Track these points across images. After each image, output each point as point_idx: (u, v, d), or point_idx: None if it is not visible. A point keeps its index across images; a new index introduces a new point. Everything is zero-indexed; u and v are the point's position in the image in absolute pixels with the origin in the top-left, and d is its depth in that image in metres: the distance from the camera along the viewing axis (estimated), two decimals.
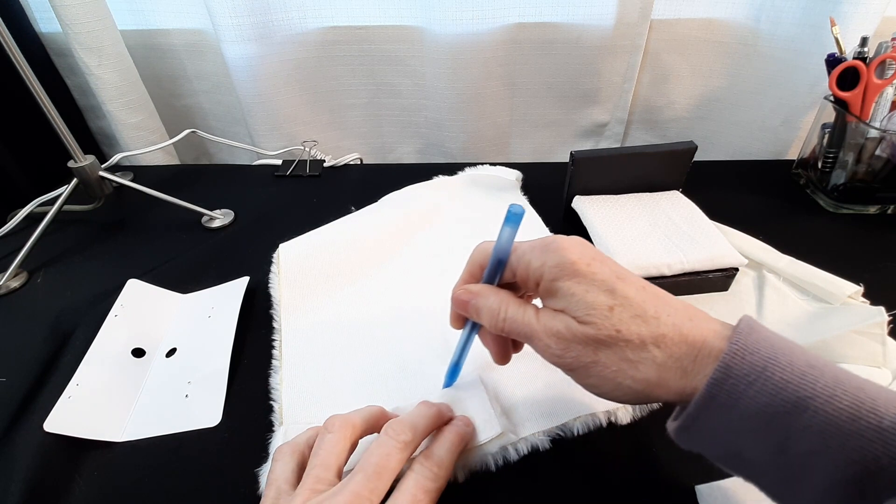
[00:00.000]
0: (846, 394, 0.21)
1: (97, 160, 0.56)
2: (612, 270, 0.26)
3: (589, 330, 0.25)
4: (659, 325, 0.25)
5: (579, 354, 0.26)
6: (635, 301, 0.25)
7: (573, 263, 0.26)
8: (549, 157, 0.79)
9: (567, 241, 0.27)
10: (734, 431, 0.23)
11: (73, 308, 0.47)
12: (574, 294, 0.26)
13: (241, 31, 0.62)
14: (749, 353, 0.23)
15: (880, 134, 0.50)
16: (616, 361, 0.25)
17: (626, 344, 0.25)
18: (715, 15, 0.65)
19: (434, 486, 0.29)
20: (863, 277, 0.42)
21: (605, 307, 0.25)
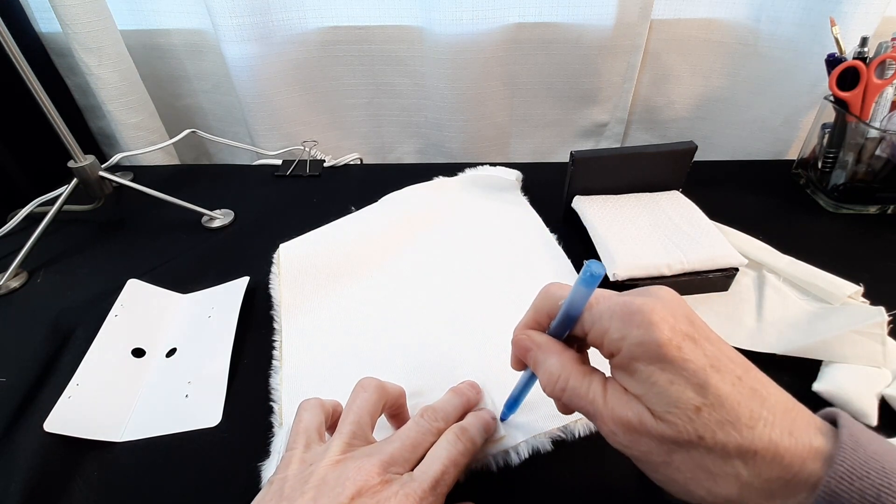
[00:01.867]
0: None
1: (97, 160, 0.56)
2: (706, 356, 0.22)
3: (666, 430, 0.21)
4: (752, 438, 0.20)
5: (650, 451, 0.22)
6: (729, 402, 0.21)
7: (660, 346, 0.21)
8: (549, 157, 0.79)
9: (657, 313, 0.22)
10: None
11: (73, 308, 0.47)
12: (656, 384, 0.21)
13: (241, 31, 0.62)
14: (857, 478, 0.19)
15: (880, 134, 0.50)
16: (692, 468, 0.21)
17: (707, 453, 0.21)
18: (715, 15, 0.65)
19: (463, 461, 0.28)
20: (863, 277, 0.42)
21: (691, 407, 0.21)
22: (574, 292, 0.24)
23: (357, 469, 0.25)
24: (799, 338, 0.39)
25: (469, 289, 0.47)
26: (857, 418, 0.34)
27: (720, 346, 0.23)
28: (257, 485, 0.32)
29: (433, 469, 0.26)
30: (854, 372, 0.36)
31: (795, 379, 0.37)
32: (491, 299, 0.45)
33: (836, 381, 0.36)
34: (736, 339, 0.41)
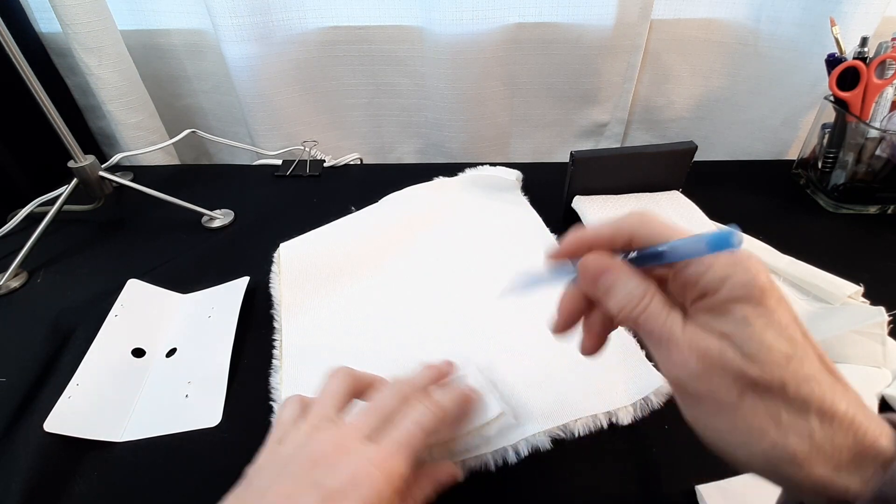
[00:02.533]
0: None
1: (97, 160, 0.56)
2: (797, 321, 0.21)
3: (751, 368, 0.20)
4: (834, 401, 0.20)
5: (721, 387, 0.21)
6: (815, 364, 0.21)
7: (764, 291, 0.21)
8: (549, 157, 0.79)
9: (761, 266, 0.22)
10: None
11: (73, 308, 0.47)
12: (752, 325, 0.20)
13: (241, 31, 0.62)
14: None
15: (880, 134, 0.50)
16: (763, 416, 0.20)
17: (785, 402, 0.20)
18: (715, 15, 0.65)
19: (430, 425, 0.28)
20: (863, 277, 0.42)
21: (783, 354, 0.20)
22: (692, 243, 0.23)
23: (325, 439, 0.26)
24: None
25: (469, 288, 0.47)
26: None
27: (807, 330, 0.22)
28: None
29: (397, 433, 0.27)
30: (854, 372, 0.36)
31: None
32: (491, 299, 0.45)
33: None
34: None
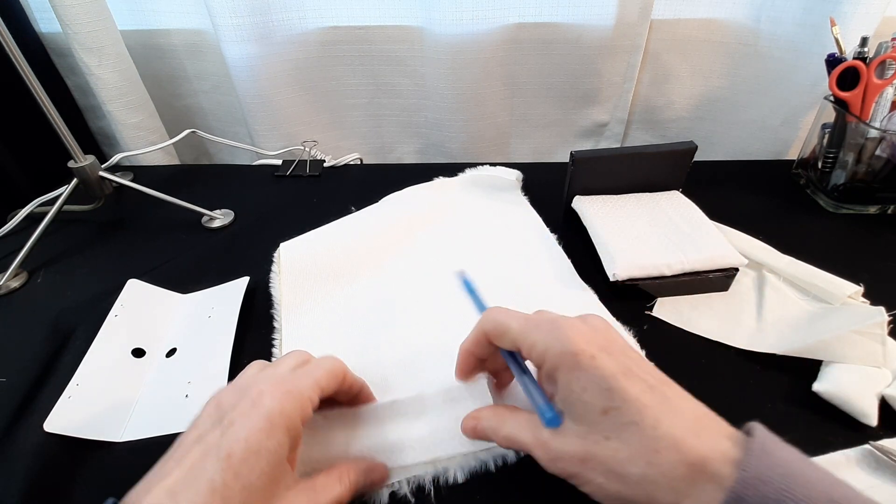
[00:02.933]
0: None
1: (97, 160, 0.56)
2: (619, 365, 0.24)
3: (578, 436, 0.24)
4: (655, 438, 0.22)
5: (567, 465, 0.24)
6: (635, 405, 0.23)
7: (575, 355, 0.24)
8: (549, 157, 0.79)
9: (576, 329, 0.25)
10: None
11: (73, 308, 0.47)
12: (571, 390, 0.24)
13: (241, 31, 0.62)
14: (762, 483, 0.20)
15: (880, 134, 0.50)
16: (602, 474, 0.23)
17: (614, 454, 0.23)
18: (715, 15, 0.65)
19: (323, 378, 0.29)
20: (863, 277, 0.42)
21: (599, 410, 0.23)
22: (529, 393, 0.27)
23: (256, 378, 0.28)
24: (799, 338, 0.39)
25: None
26: (857, 418, 0.34)
27: (640, 361, 0.25)
28: None
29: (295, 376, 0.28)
30: (854, 372, 0.36)
31: (795, 379, 0.37)
32: (490, 299, 0.45)
33: (836, 381, 0.36)
34: (736, 339, 0.41)
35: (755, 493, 0.20)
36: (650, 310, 0.44)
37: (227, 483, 0.22)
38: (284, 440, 0.24)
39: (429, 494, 0.32)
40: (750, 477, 0.20)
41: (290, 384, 0.26)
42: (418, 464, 0.32)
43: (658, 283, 0.44)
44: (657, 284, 0.44)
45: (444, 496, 0.32)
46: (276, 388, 0.26)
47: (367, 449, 0.33)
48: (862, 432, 0.34)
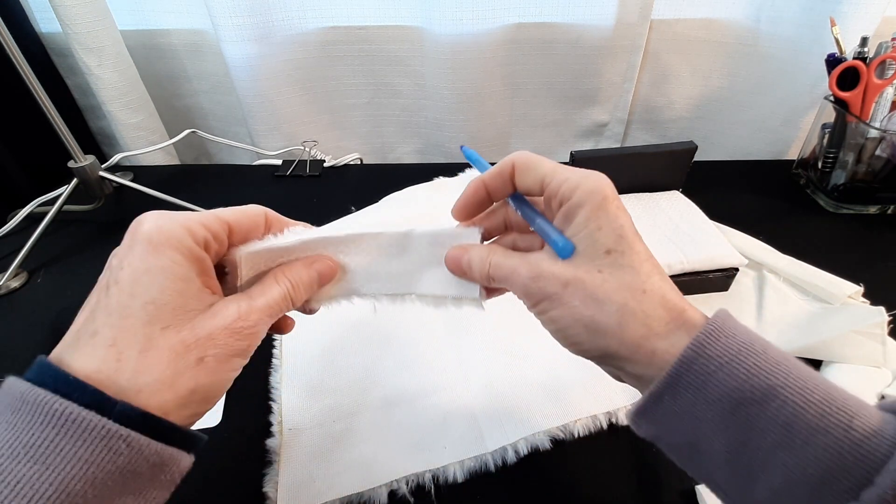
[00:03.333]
0: (818, 388, 0.21)
1: (97, 160, 0.56)
2: (632, 227, 0.26)
3: (571, 265, 0.25)
4: (645, 282, 0.24)
5: (546, 285, 0.25)
6: (638, 255, 0.24)
7: (605, 197, 0.25)
8: (549, 157, 0.78)
9: (606, 179, 0.26)
10: (697, 418, 0.22)
11: (73, 308, 0.46)
12: (585, 226, 0.25)
13: (241, 31, 0.62)
14: (725, 335, 0.22)
15: (880, 134, 0.50)
16: (582, 297, 0.24)
17: (601, 284, 0.24)
18: (715, 15, 0.65)
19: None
20: (863, 277, 0.42)
21: (604, 249, 0.24)
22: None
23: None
24: (799, 338, 0.39)
25: None
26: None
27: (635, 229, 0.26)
28: (258, 485, 0.32)
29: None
30: (854, 372, 0.36)
31: None
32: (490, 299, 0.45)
33: (836, 381, 0.35)
34: None
35: (716, 342, 0.22)
36: None
37: (122, 303, 0.22)
38: (178, 257, 0.23)
39: (429, 493, 0.32)
40: (714, 329, 0.22)
41: (172, 213, 0.25)
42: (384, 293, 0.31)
43: None
44: None
45: (444, 495, 0.32)
46: (154, 216, 0.24)
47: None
48: None
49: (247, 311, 0.24)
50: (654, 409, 0.23)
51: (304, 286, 0.28)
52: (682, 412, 0.22)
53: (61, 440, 0.19)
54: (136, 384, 0.21)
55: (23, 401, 0.19)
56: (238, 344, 0.24)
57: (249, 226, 0.27)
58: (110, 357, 0.21)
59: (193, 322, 0.23)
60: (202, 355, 0.22)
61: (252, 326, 0.24)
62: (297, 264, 0.28)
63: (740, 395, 0.21)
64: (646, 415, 0.24)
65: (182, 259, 0.23)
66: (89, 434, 0.19)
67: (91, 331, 0.22)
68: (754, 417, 0.21)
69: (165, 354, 0.22)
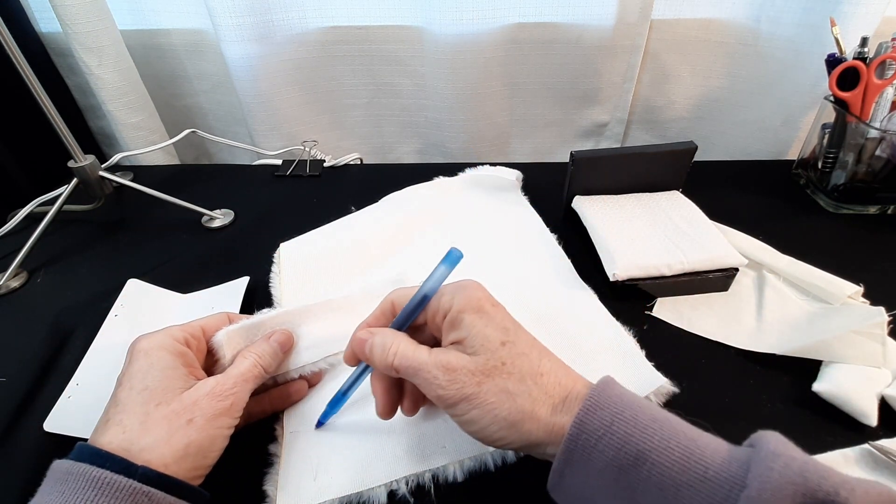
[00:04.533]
0: (679, 445, 0.23)
1: (97, 160, 0.56)
2: (510, 318, 0.30)
3: (479, 360, 0.27)
4: (540, 365, 0.28)
5: (464, 385, 0.27)
6: (524, 343, 0.28)
7: (479, 301, 0.29)
8: (549, 157, 0.79)
9: (478, 286, 0.30)
10: (592, 487, 0.25)
11: (73, 308, 0.47)
12: (475, 326, 0.28)
13: (241, 31, 0.62)
14: (600, 408, 0.25)
15: (880, 134, 0.50)
16: (496, 392, 0.27)
17: (508, 376, 0.27)
18: (715, 15, 0.65)
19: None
20: (863, 277, 0.42)
21: (498, 342, 0.28)
22: (435, 272, 0.30)
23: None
24: (799, 338, 0.39)
25: None
26: (856, 418, 0.34)
27: (520, 325, 0.30)
28: (258, 484, 0.32)
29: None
30: (854, 372, 0.36)
31: (795, 379, 0.37)
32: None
33: (836, 381, 0.36)
34: (736, 339, 0.41)
35: (593, 416, 0.25)
36: (650, 310, 0.44)
37: (125, 396, 0.29)
38: (163, 354, 0.31)
39: (428, 492, 0.32)
40: (591, 404, 0.25)
41: (158, 330, 0.33)
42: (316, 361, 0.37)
43: (658, 283, 0.44)
44: (657, 284, 0.44)
45: (443, 494, 0.32)
46: (145, 335, 0.32)
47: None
48: (861, 432, 0.34)
49: (223, 379, 0.31)
50: (560, 484, 0.26)
51: (268, 355, 0.34)
52: (580, 483, 0.25)
53: (100, 499, 0.24)
54: (140, 445, 0.27)
55: (68, 473, 0.25)
56: (220, 405, 0.30)
57: (217, 325, 0.35)
58: (118, 431, 0.27)
59: (181, 396, 0.29)
60: (190, 417, 0.29)
61: (230, 388, 0.31)
62: (259, 341, 0.35)
63: (619, 462, 0.24)
64: (555, 489, 0.27)
65: (167, 355, 0.31)
66: (120, 492, 0.25)
67: (105, 420, 0.29)
68: (634, 481, 0.23)
69: (160, 421, 0.28)
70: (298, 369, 0.37)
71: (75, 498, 0.24)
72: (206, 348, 0.35)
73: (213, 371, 0.35)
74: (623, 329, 0.41)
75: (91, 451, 0.26)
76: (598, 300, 0.44)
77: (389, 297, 0.33)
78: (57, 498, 0.24)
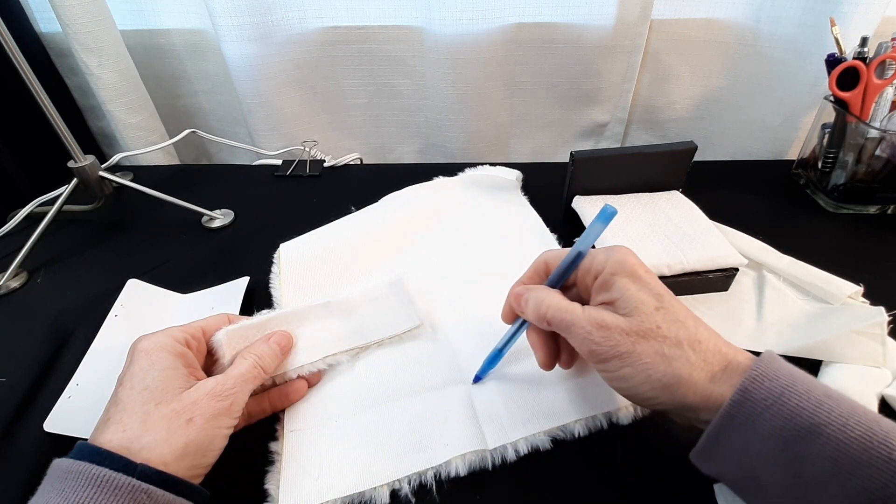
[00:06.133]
0: (859, 424, 0.23)
1: (97, 160, 0.56)
2: (664, 286, 0.29)
3: (633, 321, 0.27)
4: (697, 332, 0.27)
5: (618, 343, 0.27)
6: (679, 311, 0.28)
7: (634, 266, 0.29)
8: (549, 157, 0.79)
9: (631, 252, 0.30)
10: (751, 455, 0.24)
11: (73, 308, 0.47)
12: (628, 289, 0.28)
13: (241, 31, 0.62)
14: (768, 378, 0.25)
15: (880, 134, 0.50)
16: (651, 354, 0.27)
17: (664, 340, 0.27)
18: (715, 15, 0.65)
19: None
20: (863, 277, 0.42)
21: (652, 307, 0.28)
22: (590, 229, 0.30)
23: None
24: (799, 338, 0.39)
25: (468, 288, 0.47)
26: None
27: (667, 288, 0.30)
28: (258, 484, 0.32)
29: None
30: (854, 372, 0.36)
31: None
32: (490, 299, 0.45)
33: (836, 381, 0.36)
34: (736, 339, 0.40)
35: (761, 386, 0.24)
36: None
37: (125, 395, 0.29)
38: (164, 354, 0.31)
39: (430, 491, 0.32)
40: (758, 374, 0.25)
41: (158, 330, 0.33)
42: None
43: None
44: None
45: (445, 492, 0.32)
46: (145, 335, 0.33)
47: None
48: None
49: (223, 379, 0.31)
50: (713, 449, 0.26)
51: (268, 356, 0.35)
52: (738, 450, 0.25)
53: (99, 497, 0.24)
54: (140, 444, 0.27)
55: (68, 471, 0.25)
56: (220, 404, 0.30)
57: (217, 325, 0.36)
58: (118, 430, 0.28)
59: (181, 396, 0.29)
60: (190, 417, 0.29)
61: (230, 388, 0.31)
62: (259, 342, 0.36)
63: (787, 433, 0.23)
64: (706, 454, 0.26)
65: (168, 355, 0.31)
66: (119, 490, 0.25)
67: (105, 419, 0.29)
68: (804, 453, 0.23)
69: (160, 421, 0.28)
70: (297, 370, 0.37)
71: (75, 496, 0.24)
72: (206, 349, 0.35)
73: (213, 371, 0.35)
74: None
75: (91, 450, 0.26)
76: None
77: (542, 256, 0.34)
78: (57, 496, 0.24)
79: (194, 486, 0.28)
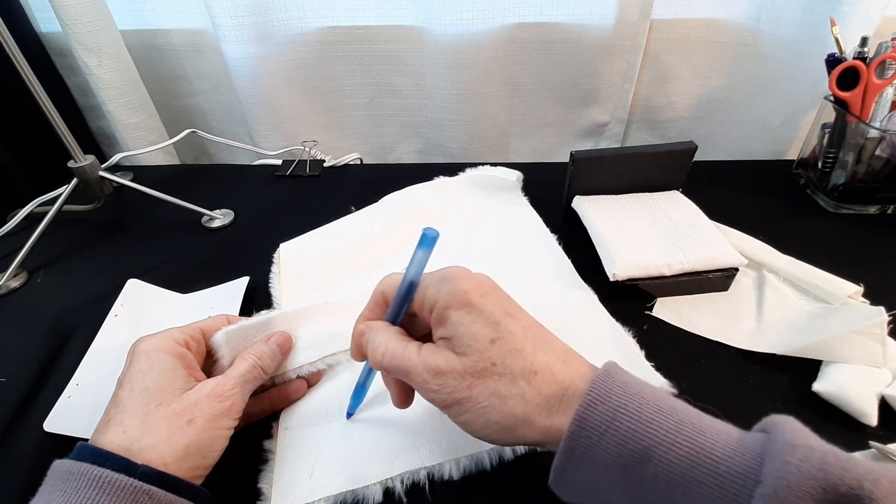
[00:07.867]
0: (686, 439, 0.22)
1: (97, 160, 0.56)
2: (502, 306, 0.27)
3: (468, 361, 0.26)
4: (534, 361, 0.26)
5: (455, 389, 0.26)
6: (517, 337, 0.26)
7: (465, 293, 0.27)
8: (549, 157, 0.79)
9: (465, 274, 0.28)
10: (597, 483, 0.24)
11: (73, 308, 0.47)
12: (461, 324, 0.26)
13: (241, 31, 0.62)
14: (601, 402, 0.24)
15: (880, 134, 0.50)
16: (487, 396, 0.25)
17: (500, 378, 0.25)
18: (715, 15, 0.65)
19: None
20: (863, 277, 0.42)
21: (487, 340, 0.26)
22: (413, 257, 0.29)
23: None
24: (799, 338, 0.39)
25: None
26: (856, 418, 0.34)
27: (518, 308, 0.29)
28: (255, 482, 0.32)
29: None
30: (854, 372, 0.36)
31: (795, 379, 0.37)
32: None
33: (836, 381, 0.36)
34: (736, 339, 0.41)
35: (594, 412, 0.24)
36: (650, 310, 0.44)
37: (126, 396, 0.29)
38: (164, 356, 0.31)
39: (423, 489, 0.32)
40: (592, 399, 0.24)
41: (158, 331, 0.33)
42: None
43: (658, 283, 0.44)
44: (657, 284, 0.44)
45: (438, 493, 0.32)
46: (146, 337, 0.33)
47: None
48: (862, 432, 0.34)
49: (223, 380, 0.31)
50: (562, 480, 0.25)
51: (267, 357, 0.35)
52: (586, 479, 0.24)
53: (101, 498, 0.24)
54: (140, 445, 0.27)
55: (69, 472, 0.25)
56: (220, 405, 0.30)
57: (216, 326, 0.36)
58: (119, 431, 0.28)
59: (181, 397, 0.30)
60: (191, 418, 0.29)
61: (230, 389, 0.31)
62: (258, 342, 0.36)
63: (624, 459, 0.23)
64: (559, 485, 0.26)
65: (167, 356, 0.31)
66: (121, 491, 0.25)
67: (106, 420, 0.29)
68: (640, 478, 0.23)
69: (161, 422, 0.28)
70: (297, 370, 0.37)
71: (77, 497, 0.24)
72: (205, 350, 0.35)
73: (213, 372, 0.35)
74: (622, 329, 0.41)
75: (92, 451, 0.26)
76: (597, 300, 0.44)
77: (380, 286, 0.31)
78: (58, 497, 0.24)
79: (195, 486, 0.28)
